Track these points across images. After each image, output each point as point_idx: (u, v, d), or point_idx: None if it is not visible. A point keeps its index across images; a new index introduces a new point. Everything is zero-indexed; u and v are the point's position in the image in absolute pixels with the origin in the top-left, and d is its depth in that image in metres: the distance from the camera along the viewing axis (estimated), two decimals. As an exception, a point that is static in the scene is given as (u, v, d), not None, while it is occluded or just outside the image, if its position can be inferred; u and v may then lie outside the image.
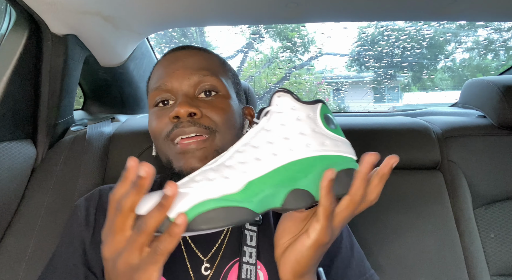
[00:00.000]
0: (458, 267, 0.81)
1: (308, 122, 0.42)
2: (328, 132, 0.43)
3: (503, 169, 0.88)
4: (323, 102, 0.44)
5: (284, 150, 0.40)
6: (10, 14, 0.78)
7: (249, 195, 0.38)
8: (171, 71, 0.58)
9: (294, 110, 0.42)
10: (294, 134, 0.41)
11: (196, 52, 0.62)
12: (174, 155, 0.55)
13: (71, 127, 0.95)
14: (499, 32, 2.59)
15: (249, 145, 0.41)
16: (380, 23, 2.42)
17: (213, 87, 0.58)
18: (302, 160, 0.41)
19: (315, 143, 0.41)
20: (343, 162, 0.42)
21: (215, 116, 0.56)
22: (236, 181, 0.38)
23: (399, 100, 3.42)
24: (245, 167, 0.39)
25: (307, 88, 3.07)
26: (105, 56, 0.96)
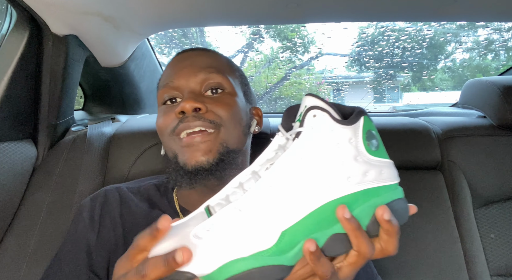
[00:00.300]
0: (458, 267, 0.81)
1: (349, 149, 0.35)
2: (370, 158, 0.36)
3: (503, 169, 0.88)
4: (364, 113, 0.37)
5: (321, 187, 0.34)
6: (11, 14, 0.78)
7: (284, 249, 0.33)
8: (178, 70, 0.60)
9: (333, 133, 0.35)
10: (333, 165, 0.35)
11: (204, 52, 0.64)
12: (179, 149, 0.56)
13: (72, 127, 0.95)
14: (499, 32, 2.59)
15: (278, 177, 0.34)
16: (380, 24, 2.42)
17: (219, 85, 0.59)
18: (342, 198, 0.35)
19: (357, 175, 0.35)
20: (386, 193, 0.37)
21: (220, 111, 0.56)
22: (269, 231, 0.33)
23: (399, 100, 3.42)
24: (277, 209, 0.34)
25: (307, 88, 3.07)
26: (106, 57, 0.96)
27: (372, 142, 0.37)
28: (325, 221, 0.35)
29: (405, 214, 0.38)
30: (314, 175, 0.34)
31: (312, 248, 0.33)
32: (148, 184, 0.66)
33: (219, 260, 0.31)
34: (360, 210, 0.36)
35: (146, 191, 0.64)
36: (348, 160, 0.35)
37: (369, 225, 0.37)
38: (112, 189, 0.64)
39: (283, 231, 0.33)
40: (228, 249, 0.32)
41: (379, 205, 0.36)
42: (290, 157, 0.35)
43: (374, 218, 0.36)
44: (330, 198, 0.34)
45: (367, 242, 0.36)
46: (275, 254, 0.33)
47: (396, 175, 0.38)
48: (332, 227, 0.35)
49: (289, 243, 0.33)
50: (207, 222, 0.33)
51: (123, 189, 0.63)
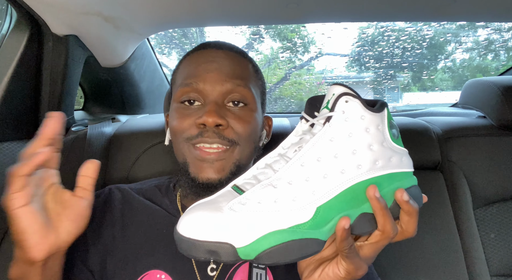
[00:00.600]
0: (458, 267, 0.81)
1: (377, 135, 0.37)
2: (394, 146, 0.39)
3: (503, 169, 0.88)
4: (386, 104, 0.40)
5: (352, 168, 0.36)
6: (11, 14, 0.78)
7: (319, 224, 0.35)
8: (204, 72, 0.57)
9: (363, 120, 0.37)
10: (363, 149, 0.36)
11: (234, 55, 0.61)
12: (192, 159, 0.56)
13: (72, 128, 0.95)
14: (499, 32, 2.59)
15: (311, 156, 0.36)
16: (380, 24, 2.42)
17: (243, 99, 0.58)
18: (370, 179, 0.37)
19: (383, 160, 0.38)
20: (405, 179, 0.40)
21: (239, 129, 0.56)
22: (305, 206, 0.34)
23: (399, 100, 3.42)
24: (311, 186, 0.35)
25: (307, 88, 3.07)
26: (106, 57, 0.96)
27: (393, 132, 0.39)
28: (355, 200, 0.37)
29: (420, 200, 0.41)
30: (345, 156, 0.36)
31: (347, 225, 0.35)
32: (149, 185, 0.67)
33: (257, 232, 0.32)
34: (385, 193, 0.38)
35: (148, 192, 0.65)
36: (376, 145, 0.37)
37: (391, 207, 0.39)
38: (115, 188, 0.65)
39: (318, 206, 0.35)
40: (266, 221, 0.33)
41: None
42: (322, 139, 0.36)
43: (396, 201, 0.39)
44: (360, 178, 0.36)
45: (392, 222, 0.38)
46: (311, 227, 0.34)
47: (412, 164, 0.41)
48: (361, 206, 0.37)
49: (324, 218, 0.35)
50: (242, 197, 0.35)
51: (126, 189, 0.64)
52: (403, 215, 0.39)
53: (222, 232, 0.32)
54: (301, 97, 3.03)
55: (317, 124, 0.38)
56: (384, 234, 0.38)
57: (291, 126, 0.95)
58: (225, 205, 0.34)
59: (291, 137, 0.41)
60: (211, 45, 0.62)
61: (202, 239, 0.32)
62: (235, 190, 0.37)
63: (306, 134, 0.39)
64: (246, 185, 0.37)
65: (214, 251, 0.32)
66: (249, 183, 0.37)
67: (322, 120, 0.38)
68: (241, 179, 0.39)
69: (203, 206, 0.35)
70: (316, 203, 0.35)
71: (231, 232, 0.32)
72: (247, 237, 0.32)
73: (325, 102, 0.39)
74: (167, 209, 0.61)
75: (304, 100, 3.04)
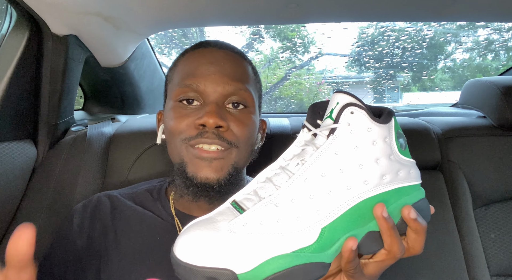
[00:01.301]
0: (458, 267, 0.81)
1: (385, 148, 0.35)
2: (402, 158, 0.37)
3: (503, 170, 0.88)
4: (393, 113, 0.37)
5: (359, 183, 0.34)
6: (11, 14, 0.78)
7: (324, 246, 0.33)
8: (206, 73, 0.56)
9: (369, 132, 0.35)
10: (369, 163, 0.35)
11: (235, 56, 0.60)
12: (190, 158, 0.54)
13: (72, 127, 0.95)
14: (499, 32, 2.59)
15: (315, 170, 0.34)
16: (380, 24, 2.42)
17: (243, 101, 0.57)
18: (377, 196, 0.35)
19: (390, 175, 0.36)
20: (413, 192, 0.38)
21: (238, 132, 0.55)
22: (309, 227, 0.32)
23: (399, 100, 3.42)
24: (316, 204, 0.33)
25: (307, 89, 3.07)
26: (106, 57, 0.96)
27: (401, 142, 0.37)
28: (362, 218, 0.35)
29: (428, 213, 0.39)
30: (351, 171, 0.34)
31: (354, 247, 0.34)
32: (140, 189, 0.65)
33: (259, 256, 0.31)
34: (392, 209, 0.36)
35: (138, 197, 0.63)
36: (383, 159, 0.35)
37: (398, 224, 0.37)
38: (104, 196, 0.63)
39: (323, 227, 0.33)
40: (269, 245, 0.31)
41: (408, 204, 0.37)
42: (326, 153, 0.34)
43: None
44: (367, 195, 0.34)
45: (399, 242, 0.37)
46: (316, 251, 0.32)
47: (420, 176, 0.40)
48: (368, 224, 0.35)
49: (329, 240, 0.33)
50: (242, 217, 0.33)
51: (115, 195, 0.63)
52: (410, 232, 0.38)
53: (222, 257, 0.31)
54: (301, 97, 3.03)
55: (320, 135, 0.37)
56: (391, 254, 0.37)
57: (291, 126, 0.95)
58: (225, 225, 0.33)
59: (293, 147, 0.39)
60: (212, 44, 0.61)
61: (201, 265, 0.30)
62: (235, 207, 0.35)
63: (308, 144, 0.37)
64: (246, 201, 0.36)
65: (213, 278, 0.31)
66: (249, 199, 0.36)
67: (326, 131, 0.36)
68: (241, 194, 0.37)
69: (201, 226, 0.33)
70: (321, 224, 0.33)
71: (232, 257, 0.31)
72: (249, 262, 0.31)
73: (329, 111, 0.37)
74: (160, 214, 0.60)
75: (304, 100, 3.04)
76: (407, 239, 0.38)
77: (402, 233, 0.38)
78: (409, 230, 0.37)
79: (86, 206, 0.61)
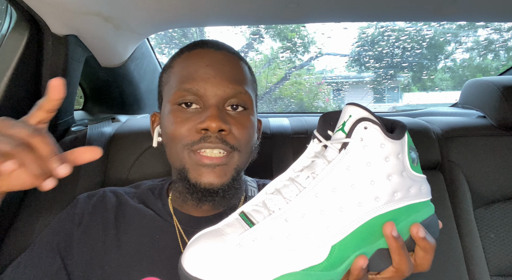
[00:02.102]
0: (458, 267, 0.81)
1: (397, 165, 0.35)
2: (413, 174, 0.36)
3: (503, 169, 0.88)
4: (406, 127, 0.37)
5: (370, 200, 0.34)
6: (11, 14, 0.78)
7: (334, 264, 0.33)
8: (205, 76, 0.55)
9: (382, 148, 0.34)
10: (381, 179, 0.34)
11: (233, 58, 0.59)
12: (192, 165, 0.54)
13: (72, 128, 0.95)
14: (499, 32, 2.59)
15: (326, 185, 0.34)
16: (380, 24, 2.42)
17: (243, 103, 0.57)
18: (388, 213, 0.35)
19: (402, 192, 0.35)
20: (423, 209, 0.38)
21: (240, 135, 0.55)
22: (319, 244, 0.32)
23: (399, 100, 3.42)
24: (326, 221, 0.33)
25: (307, 88, 3.07)
26: (106, 57, 0.96)
27: (413, 157, 0.37)
28: (372, 236, 0.35)
29: (437, 230, 0.39)
30: (363, 186, 0.34)
31: (365, 265, 0.34)
32: (143, 188, 0.65)
33: (269, 274, 0.30)
34: (402, 227, 0.36)
35: (141, 196, 0.64)
36: (395, 175, 0.35)
37: (407, 241, 0.37)
38: (109, 191, 0.63)
39: (333, 245, 0.33)
40: (279, 262, 0.31)
41: (418, 221, 0.36)
42: (337, 168, 0.34)
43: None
44: (378, 212, 0.34)
45: (408, 260, 0.36)
46: (326, 269, 0.32)
47: (430, 191, 0.39)
48: (377, 242, 0.35)
49: (339, 258, 0.33)
50: (252, 231, 0.33)
51: (121, 192, 0.63)
52: (418, 250, 0.37)
53: (231, 273, 0.30)
54: (301, 97, 3.03)
55: (331, 147, 0.36)
56: (399, 272, 0.37)
57: (291, 126, 0.95)
58: (234, 237, 0.32)
59: (302, 158, 0.38)
60: (209, 45, 0.60)
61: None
62: (243, 219, 0.35)
63: (318, 157, 0.37)
64: (254, 213, 0.35)
65: None
66: (258, 210, 0.35)
67: (337, 145, 0.35)
68: (249, 205, 0.37)
69: (209, 238, 0.33)
70: (331, 241, 0.33)
71: (241, 273, 0.30)
72: (258, 279, 0.30)
73: (341, 123, 0.36)
74: (160, 213, 0.60)
75: (304, 100, 3.04)
76: (415, 256, 0.38)
77: (411, 250, 0.38)
78: (417, 248, 0.37)
79: (90, 198, 0.61)
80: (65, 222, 0.59)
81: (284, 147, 0.88)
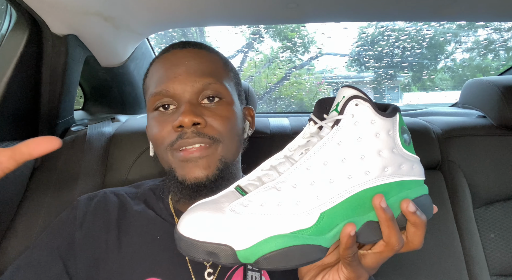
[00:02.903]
0: (458, 267, 0.81)
1: (387, 141, 0.36)
2: (405, 153, 0.37)
3: (503, 169, 0.88)
4: (399, 109, 0.38)
5: (360, 173, 0.35)
6: (11, 14, 0.78)
7: (322, 230, 0.34)
8: (172, 76, 0.56)
9: (373, 124, 0.36)
10: (371, 154, 0.35)
11: (198, 52, 0.59)
12: (177, 163, 0.54)
13: (72, 127, 0.95)
14: (499, 32, 2.59)
15: (317, 159, 0.35)
16: (380, 23, 2.42)
17: (218, 94, 0.57)
18: (378, 187, 0.36)
19: (392, 167, 0.36)
20: (416, 187, 0.39)
21: (219, 126, 0.55)
22: (308, 211, 0.33)
23: (399, 100, 3.41)
24: (316, 191, 0.34)
25: (307, 88, 3.07)
26: (106, 56, 0.96)
27: (405, 138, 0.38)
28: (361, 207, 0.35)
29: (430, 210, 0.39)
30: (353, 161, 0.35)
31: (353, 232, 0.34)
32: (144, 188, 0.65)
33: (258, 235, 0.32)
34: (393, 201, 0.37)
35: (143, 196, 0.64)
36: (386, 151, 0.36)
37: (399, 217, 0.38)
38: (110, 192, 0.63)
39: (322, 212, 0.34)
40: (267, 225, 0.32)
41: (410, 198, 0.37)
42: (329, 143, 0.35)
43: None
44: (367, 185, 0.35)
45: (398, 234, 0.37)
46: (314, 234, 0.33)
47: (423, 172, 0.40)
48: (367, 214, 0.36)
49: (327, 225, 0.34)
50: (244, 198, 0.34)
51: (122, 194, 0.63)
52: (409, 226, 0.38)
53: (222, 234, 0.32)
54: (301, 97, 3.02)
55: (325, 127, 0.37)
56: (389, 246, 0.37)
57: (291, 126, 0.95)
58: (227, 205, 0.34)
59: (298, 139, 0.39)
60: (175, 46, 0.61)
61: (201, 240, 0.32)
62: (238, 191, 0.37)
63: (314, 136, 0.38)
64: (250, 186, 0.37)
65: (213, 253, 0.32)
66: (253, 184, 0.37)
67: (330, 123, 0.36)
68: (245, 180, 0.38)
69: (204, 206, 0.34)
70: (320, 209, 0.34)
71: (232, 234, 0.32)
72: (248, 240, 0.32)
73: (335, 104, 0.38)
74: (161, 214, 0.60)
75: (304, 100, 3.03)
76: (406, 233, 0.39)
77: (402, 227, 0.38)
78: (408, 223, 0.38)
79: (91, 199, 0.61)
80: (66, 224, 0.58)
81: (284, 147, 0.88)
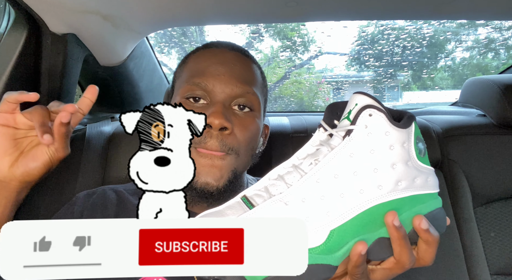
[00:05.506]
0: (458, 266, 0.81)
1: (402, 154, 0.34)
2: (419, 165, 0.36)
3: (503, 168, 0.88)
4: (414, 118, 0.36)
5: (372, 187, 0.33)
6: (9, 13, 0.78)
7: (331, 249, 0.33)
8: (216, 73, 0.55)
9: (387, 136, 0.34)
10: (385, 167, 0.34)
11: (245, 60, 0.60)
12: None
13: (71, 127, 0.95)
14: (499, 31, 2.59)
15: (327, 171, 0.33)
16: (380, 22, 2.42)
17: (250, 104, 0.57)
18: (390, 202, 0.34)
19: (406, 181, 0.35)
20: (429, 201, 0.37)
21: (241, 136, 0.54)
22: (318, 228, 0.32)
23: (399, 99, 3.41)
24: (326, 206, 0.33)
25: (307, 87, 3.07)
26: (105, 55, 0.96)
27: (420, 148, 0.36)
28: (373, 223, 0.34)
29: (444, 224, 0.38)
30: (365, 174, 0.33)
31: (364, 251, 0.33)
32: None
33: None
34: (406, 217, 0.35)
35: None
36: (400, 164, 0.34)
37: (410, 233, 0.36)
38: (109, 189, 0.63)
39: (331, 229, 0.32)
40: None
41: (422, 213, 0.36)
42: (340, 154, 0.34)
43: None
44: (380, 200, 0.34)
45: (409, 251, 0.36)
46: (323, 252, 0.32)
47: (438, 184, 0.38)
48: (378, 230, 0.35)
49: (337, 243, 0.33)
50: (251, 212, 0.33)
51: (121, 190, 0.63)
52: (421, 243, 0.37)
53: None
54: (301, 96, 3.02)
55: (336, 136, 0.36)
56: (399, 264, 0.36)
57: (291, 125, 0.95)
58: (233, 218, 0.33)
59: (307, 146, 0.38)
60: (223, 45, 0.61)
61: None
62: (244, 202, 0.36)
63: (323, 145, 0.37)
64: (256, 197, 0.36)
65: None
66: (259, 195, 0.36)
67: (342, 132, 0.35)
68: (251, 190, 0.37)
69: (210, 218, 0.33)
70: (330, 226, 0.33)
71: None
72: None
73: (347, 112, 0.36)
74: None
75: (304, 99, 3.03)
76: (417, 249, 0.38)
77: (414, 242, 0.37)
78: (420, 240, 0.37)
79: (89, 196, 0.61)
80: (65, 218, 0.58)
81: (284, 146, 0.88)
